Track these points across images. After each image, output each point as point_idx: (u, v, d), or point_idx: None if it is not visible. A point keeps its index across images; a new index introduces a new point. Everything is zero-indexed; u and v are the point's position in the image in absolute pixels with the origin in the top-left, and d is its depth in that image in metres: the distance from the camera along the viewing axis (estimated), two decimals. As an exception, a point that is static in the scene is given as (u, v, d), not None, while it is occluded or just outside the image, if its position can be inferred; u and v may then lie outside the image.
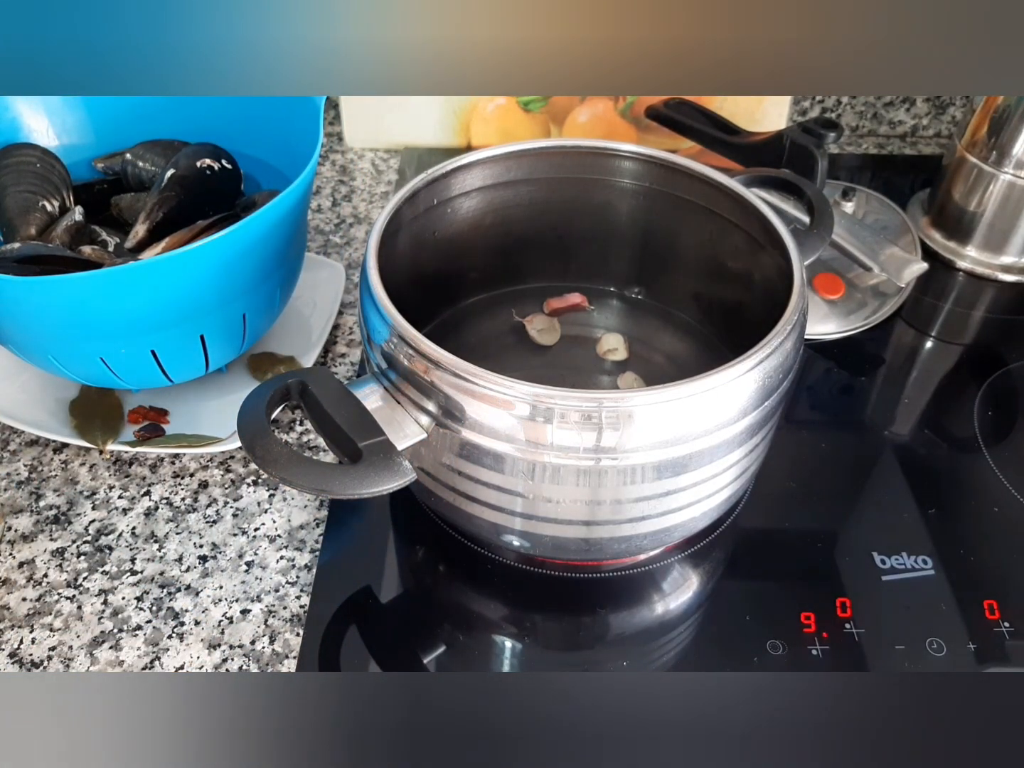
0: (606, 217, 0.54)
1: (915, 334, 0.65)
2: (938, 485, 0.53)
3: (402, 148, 0.81)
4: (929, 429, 0.56)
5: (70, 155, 0.59)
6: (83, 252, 0.52)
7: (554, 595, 0.47)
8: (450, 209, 0.52)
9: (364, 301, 0.42)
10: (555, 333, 0.56)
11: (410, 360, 0.38)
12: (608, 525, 0.40)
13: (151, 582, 0.47)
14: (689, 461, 0.38)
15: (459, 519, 0.44)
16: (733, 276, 0.51)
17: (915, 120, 0.84)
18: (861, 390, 0.60)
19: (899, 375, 0.61)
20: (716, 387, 0.37)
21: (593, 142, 0.51)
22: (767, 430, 0.42)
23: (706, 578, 0.48)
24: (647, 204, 0.52)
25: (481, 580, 0.47)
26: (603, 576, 0.47)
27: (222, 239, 0.45)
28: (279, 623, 0.45)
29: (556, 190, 0.53)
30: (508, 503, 0.40)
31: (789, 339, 0.40)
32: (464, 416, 0.38)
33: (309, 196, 0.54)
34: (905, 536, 0.49)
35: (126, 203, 0.57)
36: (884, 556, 0.48)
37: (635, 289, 0.58)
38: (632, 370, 0.54)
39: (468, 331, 0.57)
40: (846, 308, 0.63)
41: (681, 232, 0.52)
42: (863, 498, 0.52)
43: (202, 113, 0.60)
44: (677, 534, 0.44)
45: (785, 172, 0.56)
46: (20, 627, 0.45)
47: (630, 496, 0.39)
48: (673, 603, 0.47)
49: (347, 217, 0.74)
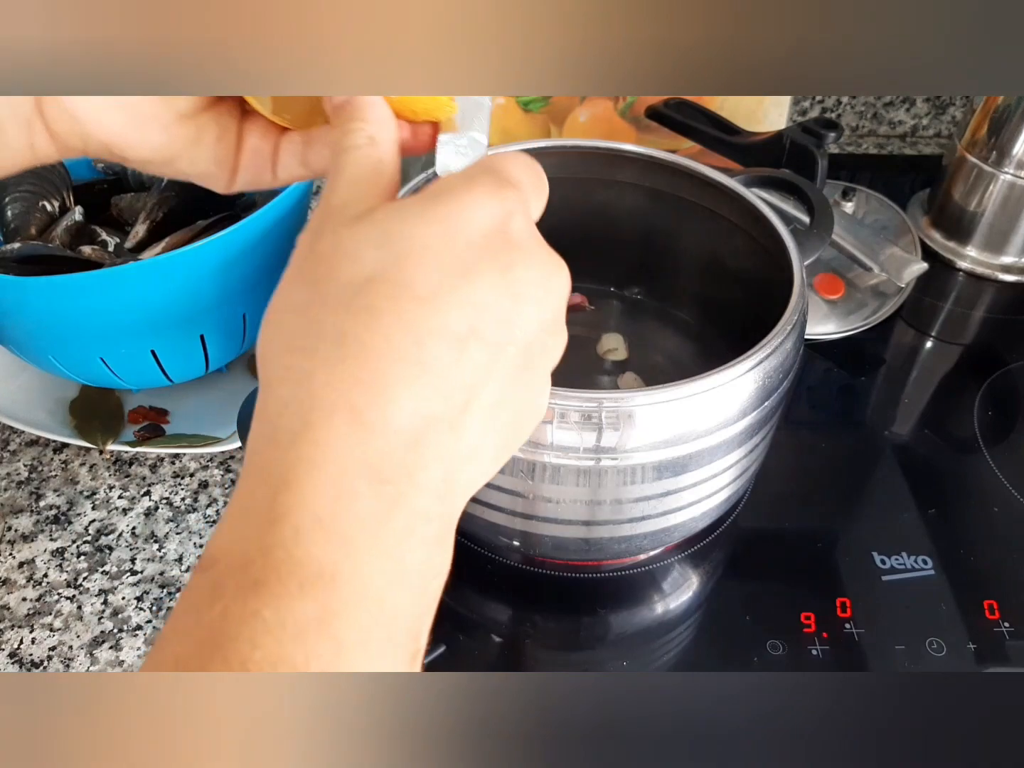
0: (606, 217, 0.54)
1: (915, 334, 0.65)
2: (938, 485, 0.53)
3: (402, 148, 0.81)
4: (929, 429, 0.56)
5: (70, 155, 0.59)
6: (83, 252, 0.52)
7: (554, 595, 0.47)
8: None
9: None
10: (555, 334, 0.56)
11: (410, 360, 0.38)
12: (608, 525, 0.40)
13: (151, 582, 0.47)
14: (689, 461, 0.38)
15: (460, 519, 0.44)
16: (733, 276, 0.51)
17: (915, 120, 0.85)
18: (861, 390, 0.60)
19: (899, 375, 0.61)
20: (716, 387, 0.37)
21: (593, 142, 0.51)
22: (767, 430, 0.42)
23: (706, 578, 0.48)
24: (647, 204, 0.52)
25: (481, 580, 0.47)
26: (603, 576, 0.47)
27: (222, 239, 0.45)
28: (279, 623, 0.45)
29: (556, 190, 0.52)
30: (508, 503, 0.40)
31: (789, 339, 0.40)
32: (464, 416, 0.38)
33: (309, 196, 0.54)
34: (905, 536, 0.49)
35: (126, 203, 0.57)
36: (884, 556, 0.48)
37: (635, 289, 0.58)
38: (632, 370, 0.54)
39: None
40: (846, 308, 0.63)
41: (681, 232, 0.52)
42: (863, 498, 0.52)
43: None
44: (677, 534, 0.44)
45: (785, 172, 0.56)
46: (20, 627, 0.45)
47: (630, 496, 0.39)
48: (673, 603, 0.47)
49: (347, 217, 0.74)
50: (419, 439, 0.21)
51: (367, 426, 0.20)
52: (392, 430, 0.21)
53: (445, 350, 0.21)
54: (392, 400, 0.21)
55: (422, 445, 0.21)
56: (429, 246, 0.22)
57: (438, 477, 0.22)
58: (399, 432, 0.21)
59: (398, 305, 0.21)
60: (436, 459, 0.21)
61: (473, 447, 0.22)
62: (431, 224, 0.22)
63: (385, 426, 0.21)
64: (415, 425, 0.21)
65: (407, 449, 0.21)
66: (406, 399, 0.21)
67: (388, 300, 0.21)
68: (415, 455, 0.21)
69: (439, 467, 0.21)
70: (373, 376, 0.21)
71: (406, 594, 0.21)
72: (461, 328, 0.21)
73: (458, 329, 0.21)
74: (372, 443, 0.20)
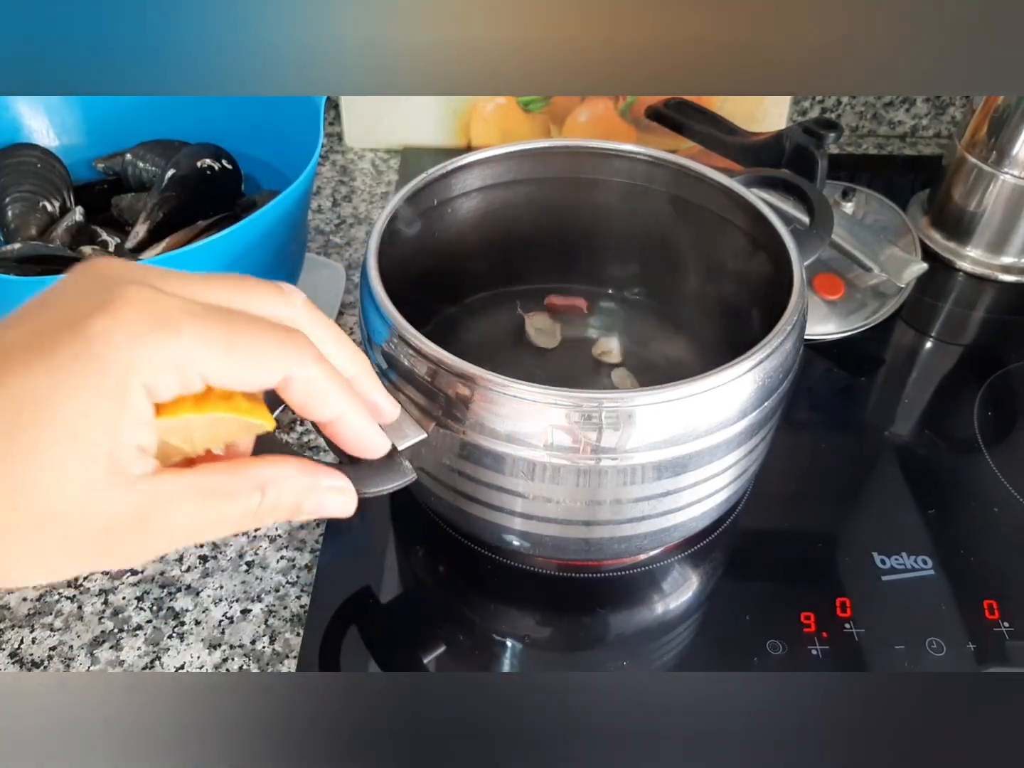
0: (606, 217, 0.54)
1: (915, 334, 0.65)
2: (938, 485, 0.53)
3: (402, 148, 0.81)
4: (929, 429, 0.56)
5: (71, 155, 0.59)
6: (83, 252, 0.52)
7: (554, 595, 0.47)
8: (450, 209, 0.52)
9: (364, 302, 0.42)
10: (555, 337, 0.56)
11: (411, 361, 0.39)
12: (608, 525, 0.40)
13: (151, 582, 0.47)
14: (689, 461, 0.38)
15: (459, 519, 0.44)
16: (733, 276, 0.51)
17: (915, 120, 0.85)
18: (861, 390, 0.60)
19: (899, 375, 0.61)
20: (715, 387, 0.37)
21: (593, 142, 0.51)
22: (767, 430, 0.42)
23: (706, 578, 0.48)
24: (647, 204, 0.52)
25: (481, 580, 0.47)
26: (603, 576, 0.47)
27: (221, 239, 0.45)
28: (279, 623, 0.45)
29: (556, 190, 0.53)
30: (508, 503, 0.40)
31: (789, 340, 0.40)
32: (465, 417, 0.38)
33: (309, 197, 0.54)
34: (905, 536, 0.49)
35: (126, 203, 0.57)
36: (884, 556, 0.48)
37: (635, 289, 0.58)
38: (631, 370, 0.54)
39: (467, 331, 0.57)
40: (846, 308, 0.63)
41: (681, 232, 0.52)
42: (863, 498, 0.52)
43: (203, 113, 0.60)
44: (677, 534, 0.44)
45: (785, 172, 0.56)
46: (20, 627, 0.45)
47: (630, 496, 0.39)
48: (673, 603, 0.47)
49: (347, 217, 0.74)
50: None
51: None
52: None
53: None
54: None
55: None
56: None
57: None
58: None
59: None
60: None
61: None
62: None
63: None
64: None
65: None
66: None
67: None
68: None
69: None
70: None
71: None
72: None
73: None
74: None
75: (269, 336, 0.25)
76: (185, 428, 0.25)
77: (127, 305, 0.23)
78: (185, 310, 0.24)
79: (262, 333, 0.25)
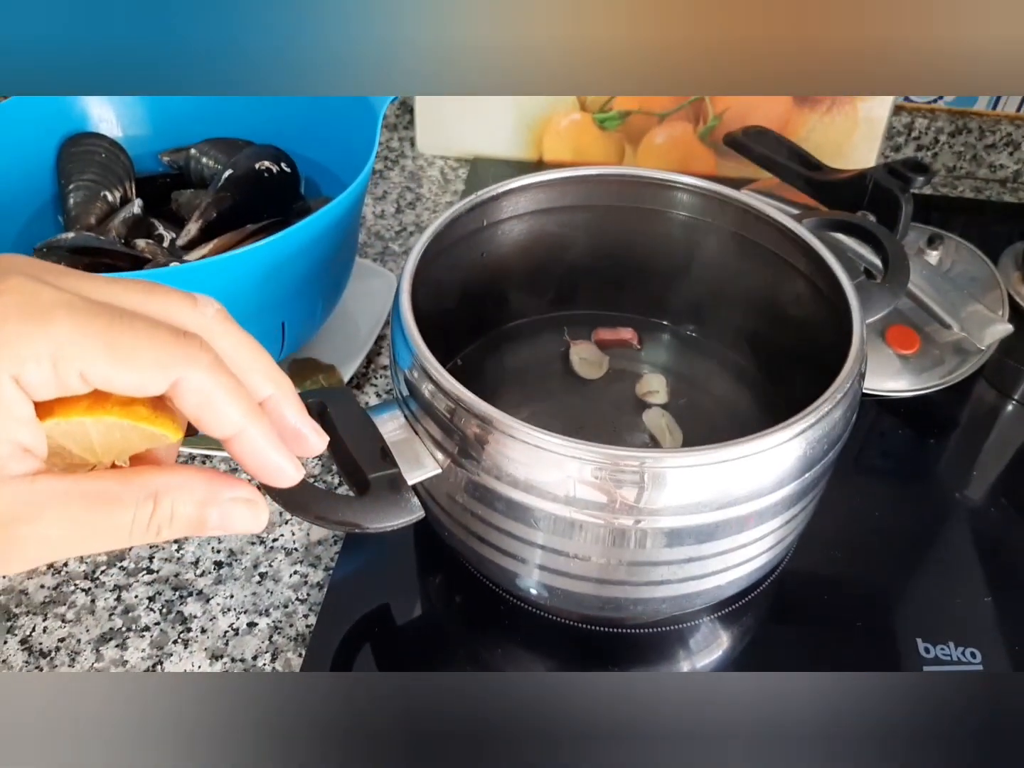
0: (663, 250, 0.51)
1: (996, 396, 0.60)
2: (1003, 568, 0.48)
3: (472, 158, 0.80)
4: (995, 506, 0.52)
5: (137, 146, 0.60)
6: (136, 246, 0.52)
7: (571, 647, 0.45)
8: (500, 231, 0.50)
9: (394, 325, 0.41)
10: (600, 368, 0.54)
11: (431, 395, 0.37)
12: (623, 586, 0.38)
13: (165, 583, 0.47)
14: (716, 530, 0.36)
15: (471, 558, 0.42)
16: (791, 323, 0.48)
17: (1018, 165, 0.78)
18: (930, 453, 0.56)
19: (973, 440, 0.57)
20: (752, 454, 0.34)
21: (652, 172, 0.48)
22: (808, 500, 0.39)
23: (733, 645, 0.45)
24: (706, 240, 0.50)
25: (496, 620, 0.45)
26: (625, 632, 0.45)
27: (262, 247, 0.44)
28: (283, 641, 0.45)
29: (612, 218, 0.51)
30: (519, 550, 0.38)
31: (839, 407, 0.37)
32: (480, 458, 0.36)
33: (360, 207, 0.53)
34: (956, 623, 0.45)
35: (185, 199, 0.58)
36: (929, 644, 0.44)
37: (689, 326, 0.55)
38: (675, 411, 0.51)
39: (511, 353, 0.55)
40: (920, 365, 0.59)
41: (740, 272, 0.49)
42: (916, 573, 0.48)
43: (269, 114, 0.60)
44: (699, 601, 0.41)
45: (863, 218, 0.52)
46: (35, 614, 0.46)
47: (647, 559, 0.36)
48: (699, 664, 0.44)
49: (409, 225, 0.73)
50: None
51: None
52: None
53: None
54: None
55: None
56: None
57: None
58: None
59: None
60: None
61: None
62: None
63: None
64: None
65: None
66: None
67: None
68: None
69: None
70: None
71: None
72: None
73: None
74: None
75: (156, 337, 0.23)
76: (82, 433, 0.24)
77: (1, 296, 0.22)
78: (64, 303, 0.23)
79: (149, 332, 0.23)
